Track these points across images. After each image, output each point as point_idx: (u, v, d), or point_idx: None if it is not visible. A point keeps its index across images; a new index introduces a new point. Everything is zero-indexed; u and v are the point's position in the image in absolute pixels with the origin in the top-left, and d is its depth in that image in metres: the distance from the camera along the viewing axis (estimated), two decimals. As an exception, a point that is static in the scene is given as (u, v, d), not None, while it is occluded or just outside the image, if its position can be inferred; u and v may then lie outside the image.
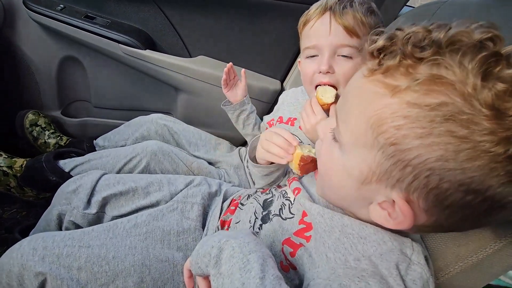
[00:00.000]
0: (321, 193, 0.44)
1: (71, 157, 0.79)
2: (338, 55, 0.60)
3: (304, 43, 0.65)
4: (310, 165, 0.46)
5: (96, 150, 0.86)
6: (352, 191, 0.35)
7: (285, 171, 0.62)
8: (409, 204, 0.30)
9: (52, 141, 0.96)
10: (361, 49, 0.33)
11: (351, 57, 0.59)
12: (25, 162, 0.80)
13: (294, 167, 0.47)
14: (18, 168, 0.79)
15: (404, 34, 0.29)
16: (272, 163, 0.55)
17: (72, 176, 0.70)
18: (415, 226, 0.32)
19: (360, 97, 0.32)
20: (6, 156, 0.81)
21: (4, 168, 0.79)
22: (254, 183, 0.63)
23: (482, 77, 0.25)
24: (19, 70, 0.99)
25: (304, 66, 0.66)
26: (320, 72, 0.60)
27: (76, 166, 0.74)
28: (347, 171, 0.34)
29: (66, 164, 0.75)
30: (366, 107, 0.31)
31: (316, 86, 0.62)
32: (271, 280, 0.31)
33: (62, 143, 0.96)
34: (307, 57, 0.64)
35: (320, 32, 0.59)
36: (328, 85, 0.60)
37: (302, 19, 0.65)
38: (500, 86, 0.24)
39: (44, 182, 0.74)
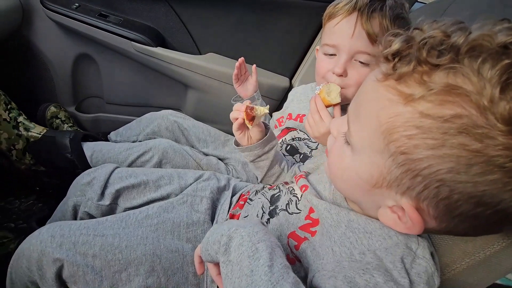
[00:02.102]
0: (332, 181, 0.43)
1: (89, 141, 0.83)
2: (355, 60, 0.59)
3: (325, 38, 0.64)
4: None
5: None
6: (363, 192, 0.35)
7: (280, 165, 0.61)
8: (419, 212, 0.30)
9: None
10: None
11: (367, 64, 0.58)
12: (44, 131, 0.82)
13: (247, 123, 0.53)
14: (35, 134, 0.80)
15: (421, 37, 0.27)
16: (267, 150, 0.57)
17: (87, 161, 0.74)
18: (424, 229, 0.32)
19: (373, 102, 0.31)
20: (26, 118, 0.83)
21: (21, 129, 0.78)
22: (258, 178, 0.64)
23: (501, 88, 0.23)
24: (36, 67, 1.03)
25: (319, 60, 0.65)
26: (334, 73, 0.60)
27: (92, 153, 0.78)
28: (357, 174, 0.34)
29: (85, 148, 0.78)
30: (378, 112, 0.30)
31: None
32: (279, 269, 0.31)
33: None
34: (325, 54, 0.63)
35: (343, 32, 0.58)
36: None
37: (328, 10, 0.62)
38: None
39: (58, 157, 0.76)
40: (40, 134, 0.81)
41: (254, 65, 0.83)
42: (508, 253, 0.37)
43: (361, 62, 0.58)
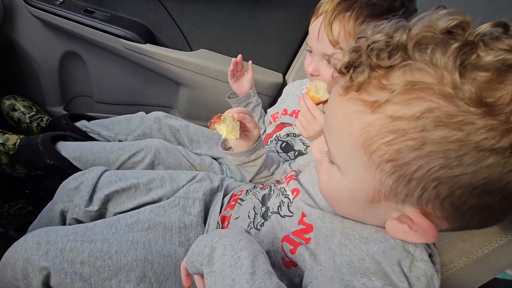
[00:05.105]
0: (330, 205, 0.41)
1: (68, 140, 0.79)
2: (325, 59, 0.59)
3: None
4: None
5: (81, 132, 0.86)
6: (363, 210, 0.33)
7: (270, 169, 0.61)
8: (427, 216, 0.28)
9: (33, 124, 0.94)
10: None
11: None
12: (19, 140, 0.79)
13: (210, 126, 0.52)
14: (11, 146, 0.78)
15: (366, 44, 0.27)
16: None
17: (70, 161, 0.71)
18: (439, 231, 0.30)
19: (341, 118, 0.30)
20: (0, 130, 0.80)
21: None
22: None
23: (459, 72, 0.22)
24: (20, 67, 0.99)
25: (306, 57, 0.66)
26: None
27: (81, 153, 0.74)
28: (351, 193, 0.32)
29: (65, 148, 0.74)
30: (350, 127, 0.29)
31: None
32: (261, 275, 0.31)
33: (43, 124, 0.94)
34: (308, 51, 0.64)
35: (312, 34, 0.59)
36: None
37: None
38: (481, 76, 0.22)
39: (41, 164, 0.74)
40: (16, 145, 0.78)
41: (250, 61, 0.82)
42: (505, 251, 0.36)
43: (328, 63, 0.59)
